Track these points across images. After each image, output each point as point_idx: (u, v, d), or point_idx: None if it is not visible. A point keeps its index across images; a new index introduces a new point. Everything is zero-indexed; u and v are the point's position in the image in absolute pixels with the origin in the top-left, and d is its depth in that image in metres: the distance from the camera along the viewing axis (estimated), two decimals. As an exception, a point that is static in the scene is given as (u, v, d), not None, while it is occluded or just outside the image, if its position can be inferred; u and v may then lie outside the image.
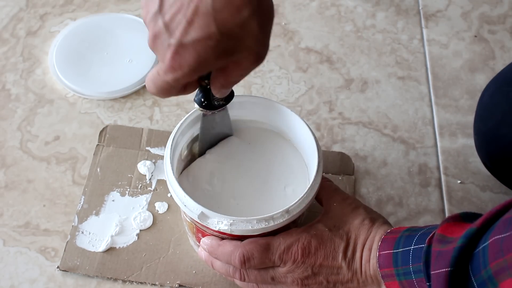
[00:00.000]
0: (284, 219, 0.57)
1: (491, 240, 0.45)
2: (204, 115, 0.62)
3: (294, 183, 0.65)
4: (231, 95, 0.60)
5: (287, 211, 0.57)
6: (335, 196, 0.63)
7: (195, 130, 0.66)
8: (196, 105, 0.59)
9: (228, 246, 0.59)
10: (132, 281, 0.67)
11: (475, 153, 0.74)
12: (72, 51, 0.86)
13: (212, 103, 0.59)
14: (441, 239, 0.50)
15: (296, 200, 0.58)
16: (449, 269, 0.47)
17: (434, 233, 0.52)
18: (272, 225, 0.57)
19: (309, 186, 0.59)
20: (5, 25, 0.90)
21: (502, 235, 0.44)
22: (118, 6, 0.93)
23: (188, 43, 0.49)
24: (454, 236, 0.49)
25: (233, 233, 0.57)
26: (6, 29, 0.90)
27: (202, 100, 0.58)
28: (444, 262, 0.48)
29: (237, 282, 0.62)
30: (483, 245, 0.46)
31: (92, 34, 0.88)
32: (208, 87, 0.56)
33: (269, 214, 0.57)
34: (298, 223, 0.63)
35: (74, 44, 0.87)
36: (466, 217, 0.52)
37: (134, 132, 0.79)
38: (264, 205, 0.63)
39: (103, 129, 0.79)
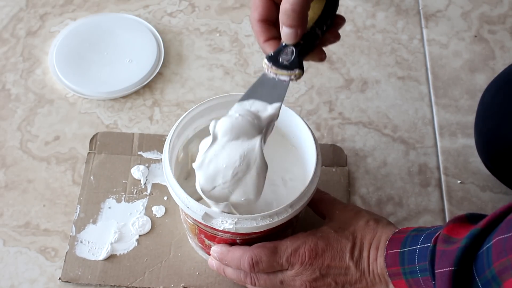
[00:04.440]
0: (287, 214, 0.57)
1: (494, 240, 0.45)
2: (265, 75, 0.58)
3: (290, 174, 0.65)
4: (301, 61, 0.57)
5: (290, 206, 0.58)
6: (336, 205, 0.64)
7: (190, 132, 0.66)
8: (267, 61, 0.56)
9: (237, 251, 0.60)
10: (136, 287, 0.67)
11: (475, 153, 0.74)
12: (72, 51, 0.86)
13: (280, 59, 0.56)
14: (446, 239, 0.51)
15: (298, 195, 0.58)
16: (453, 268, 0.48)
17: (440, 233, 0.52)
18: (276, 220, 0.57)
19: (309, 179, 0.59)
20: (5, 25, 0.90)
21: (505, 235, 0.44)
22: (118, 6, 0.93)
23: None
24: (459, 237, 0.50)
25: (238, 232, 0.57)
26: (6, 29, 0.90)
27: (272, 52, 0.56)
28: (448, 261, 0.49)
29: (249, 287, 0.63)
30: (487, 245, 0.46)
31: (92, 34, 0.88)
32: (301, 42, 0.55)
33: (273, 210, 0.57)
34: (299, 218, 0.64)
35: (74, 44, 0.87)
36: (472, 218, 0.53)
37: (125, 138, 0.78)
38: (266, 198, 0.64)
39: (93, 136, 0.78)
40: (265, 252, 0.58)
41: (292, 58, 0.56)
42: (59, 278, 0.67)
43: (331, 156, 0.77)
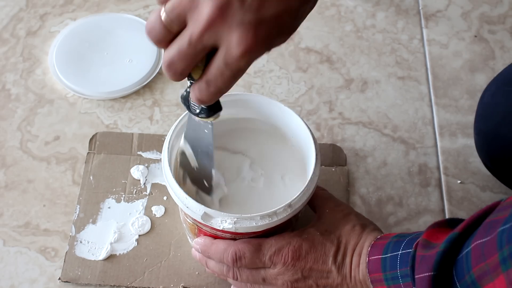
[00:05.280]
0: (287, 214, 0.57)
1: (473, 245, 0.46)
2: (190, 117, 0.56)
3: (290, 174, 0.65)
4: (217, 108, 0.53)
5: (289, 205, 0.58)
6: (328, 203, 0.64)
7: None
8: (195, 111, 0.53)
9: (221, 244, 0.60)
10: (136, 287, 0.67)
11: (475, 153, 0.74)
12: (72, 51, 0.86)
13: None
14: (425, 244, 0.51)
15: (298, 194, 0.58)
16: (432, 273, 0.48)
17: (420, 239, 0.53)
18: (275, 220, 0.57)
19: (308, 179, 0.59)
20: (5, 25, 0.90)
21: (483, 240, 0.45)
22: (118, 6, 0.93)
23: (268, 18, 0.43)
24: (438, 241, 0.50)
25: (237, 231, 0.57)
26: (6, 29, 0.90)
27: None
28: (427, 266, 0.49)
29: (230, 281, 0.63)
30: (466, 250, 0.46)
31: (92, 34, 0.88)
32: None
33: (272, 210, 0.57)
34: (299, 217, 0.64)
35: (74, 44, 0.87)
36: (452, 223, 0.53)
37: (124, 138, 0.78)
38: (265, 197, 0.64)
39: (93, 136, 0.78)
40: (249, 248, 0.58)
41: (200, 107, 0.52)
42: (59, 278, 0.67)
43: (330, 155, 0.77)
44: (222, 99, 0.64)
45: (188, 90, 0.50)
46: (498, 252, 0.43)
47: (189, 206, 0.58)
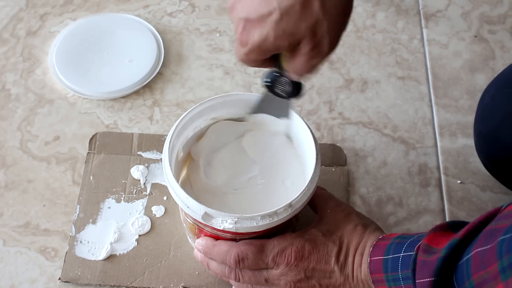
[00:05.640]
0: (287, 214, 0.57)
1: (473, 252, 0.46)
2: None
3: (292, 177, 0.65)
4: (298, 90, 0.58)
5: (290, 205, 0.58)
6: (329, 203, 0.64)
7: (190, 132, 0.66)
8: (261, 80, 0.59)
9: (223, 246, 0.60)
10: (136, 287, 0.67)
11: (475, 153, 0.74)
12: (72, 51, 0.86)
13: (276, 90, 0.58)
14: (427, 249, 0.51)
15: (298, 194, 0.58)
16: (433, 278, 0.49)
17: (421, 243, 0.53)
18: (276, 220, 0.57)
19: (309, 179, 0.59)
20: (5, 25, 0.90)
21: (484, 248, 0.45)
22: (118, 6, 0.93)
23: (253, 19, 0.49)
24: (439, 246, 0.50)
25: (238, 231, 0.57)
26: (6, 29, 0.90)
27: (268, 80, 0.58)
28: (428, 271, 0.49)
29: (232, 282, 0.63)
30: (466, 257, 0.47)
31: (92, 34, 0.88)
32: (276, 70, 0.56)
33: (273, 210, 0.57)
34: (299, 217, 0.64)
35: (74, 44, 0.87)
36: (453, 226, 0.53)
37: (124, 138, 0.78)
38: (265, 198, 0.64)
39: (93, 136, 0.78)
40: (252, 249, 0.59)
41: (288, 89, 0.58)
42: (59, 278, 0.67)
43: (330, 155, 0.77)
44: (222, 99, 0.65)
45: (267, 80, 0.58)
46: (498, 261, 0.43)
47: (189, 206, 0.58)
